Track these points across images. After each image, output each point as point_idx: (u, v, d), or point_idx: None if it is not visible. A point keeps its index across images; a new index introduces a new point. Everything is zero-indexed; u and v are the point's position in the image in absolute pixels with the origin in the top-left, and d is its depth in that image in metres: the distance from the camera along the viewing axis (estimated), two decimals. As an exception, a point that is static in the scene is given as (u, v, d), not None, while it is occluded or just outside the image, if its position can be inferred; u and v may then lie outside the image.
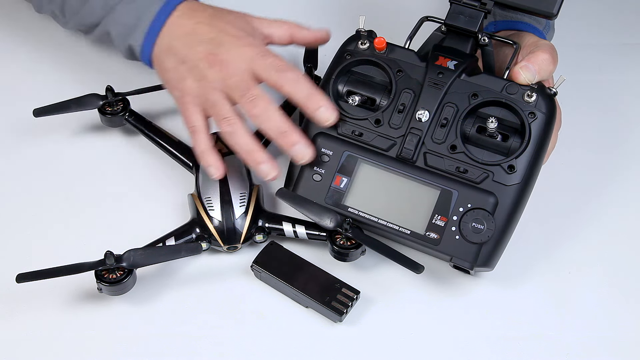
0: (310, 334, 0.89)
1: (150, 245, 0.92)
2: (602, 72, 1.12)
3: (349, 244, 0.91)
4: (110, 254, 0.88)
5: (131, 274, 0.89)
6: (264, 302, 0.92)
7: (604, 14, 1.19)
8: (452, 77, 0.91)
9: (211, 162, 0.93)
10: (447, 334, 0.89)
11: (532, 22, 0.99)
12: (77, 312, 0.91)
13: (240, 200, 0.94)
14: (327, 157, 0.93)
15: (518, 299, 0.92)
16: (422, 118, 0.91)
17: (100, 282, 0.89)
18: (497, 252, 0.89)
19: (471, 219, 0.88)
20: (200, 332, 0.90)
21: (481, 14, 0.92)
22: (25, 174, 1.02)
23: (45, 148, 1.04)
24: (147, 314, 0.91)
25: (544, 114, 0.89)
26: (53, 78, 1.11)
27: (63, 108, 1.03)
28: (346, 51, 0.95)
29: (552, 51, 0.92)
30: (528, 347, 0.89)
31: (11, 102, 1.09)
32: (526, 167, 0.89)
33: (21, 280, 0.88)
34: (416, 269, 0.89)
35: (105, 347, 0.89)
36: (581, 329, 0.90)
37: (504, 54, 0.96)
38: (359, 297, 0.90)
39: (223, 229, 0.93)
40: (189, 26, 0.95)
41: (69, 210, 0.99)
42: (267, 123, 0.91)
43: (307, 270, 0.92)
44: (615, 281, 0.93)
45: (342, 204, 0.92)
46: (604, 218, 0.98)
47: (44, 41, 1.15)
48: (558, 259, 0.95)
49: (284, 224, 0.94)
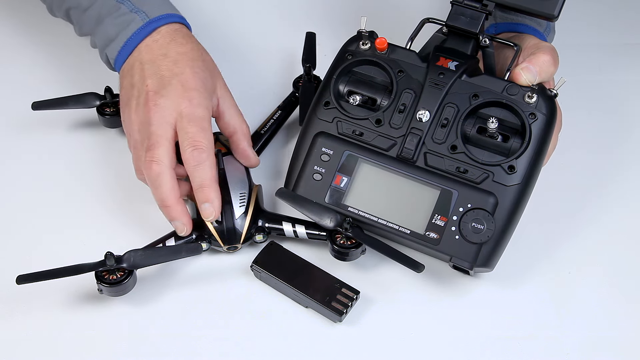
0: (310, 334, 0.89)
1: (150, 246, 0.92)
2: (602, 72, 1.12)
3: (349, 243, 0.91)
4: (111, 254, 0.88)
5: (131, 274, 0.89)
6: (263, 302, 0.91)
7: (604, 14, 1.19)
8: (453, 77, 0.91)
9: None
10: (447, 334, 0.89)
11: (533, 24, 0.99)
12: (77, 313, 0.91)
13: (240, 200, 0.94)
14: (327, 157, 0.93)
15: (518, 299, 0.92)
16: (422, 118, 0.91)
17: (100, 283, 0.89)
18: (497, 252, 0.89)
19: (471, 219, 0.89)
20: (200, 332, 0.89)
21: (482, 16, 0.92)
22: (22, 172, 1.02)
23: (42, 145, 1.05)
24: (148, 314, 0.91)
25: (544, 115, 0.89)
26: (54, 76, 1.11)
27: (61, 104, 1.04)
28: (347, 51, 0.95)
29: (553, 53, 0.92)
30: (528, 347, 0.88)
31: (11, 96, 1.10)
32: (526, 167, 0.89)
33: (21, 282, 0.88)
34: (416, 268, 0.89)
35: (105, 348, 0.88)
36: (581, 329, 0.90)
37: (504, 56, 0.96)
38: (358, 297, 0.90)
39: (223, 229, 0.93)
40: (156, 54, 0.94)
41: (67, 210, 0.99)
42: (153, 189, 0.91)
43: (307, 270, 0.92)
44: (615, 281, 0.93)
45: (342, 203, 0.92)
46: (604, 218, 0.98)
47: (48, 40, 1.15)
48: (558, 259, 0.95)
49: (283, 223, 0.94)
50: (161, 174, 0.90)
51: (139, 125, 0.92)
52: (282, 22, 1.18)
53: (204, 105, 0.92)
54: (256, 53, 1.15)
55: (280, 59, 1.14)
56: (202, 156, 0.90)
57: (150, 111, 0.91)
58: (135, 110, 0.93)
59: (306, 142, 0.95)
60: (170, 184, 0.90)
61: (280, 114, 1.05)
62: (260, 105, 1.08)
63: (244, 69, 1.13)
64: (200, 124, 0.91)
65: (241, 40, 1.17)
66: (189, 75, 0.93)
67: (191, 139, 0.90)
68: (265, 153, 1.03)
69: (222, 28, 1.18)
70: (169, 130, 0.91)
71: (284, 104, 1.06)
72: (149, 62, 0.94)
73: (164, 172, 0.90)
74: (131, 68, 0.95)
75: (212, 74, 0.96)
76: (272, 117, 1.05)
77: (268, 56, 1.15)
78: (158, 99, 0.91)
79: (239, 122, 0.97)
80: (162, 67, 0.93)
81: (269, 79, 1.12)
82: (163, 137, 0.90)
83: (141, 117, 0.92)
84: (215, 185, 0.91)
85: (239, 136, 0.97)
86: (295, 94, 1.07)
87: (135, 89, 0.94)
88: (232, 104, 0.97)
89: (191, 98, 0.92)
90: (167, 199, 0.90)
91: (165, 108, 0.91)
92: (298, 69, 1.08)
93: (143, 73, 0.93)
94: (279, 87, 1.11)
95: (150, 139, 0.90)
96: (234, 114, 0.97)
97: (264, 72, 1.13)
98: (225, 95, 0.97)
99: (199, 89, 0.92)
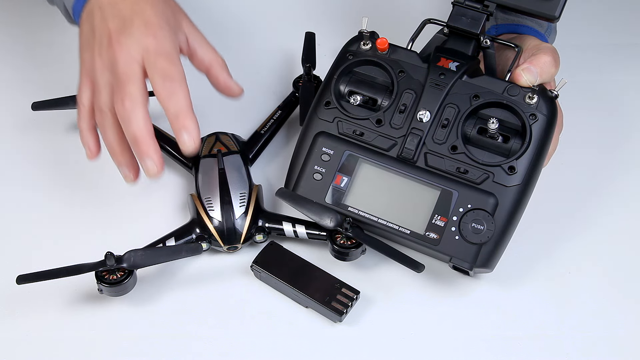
0: (310, 334, 0.89)
1: (150, 246, 0.92)
2: (602, 72, 1.12)
3: (349, 243, 0.91)
4: (111, 254, 0.88)
5: (132, 274, 0.89)
6: (263, 302, 0.92)
7: (604, 14, 1.19)
8: (453, 78, 0.91)
9: (86, 142, 0.91)
10: (447, 334, 0.90)
11: (534, 25, 0.99)
12: (77, 313, 0.91)
13: (240, 200, 0.94)
14: (327, 156, 0.93)
15: (518, 299, 0.92)
16: (423, 118, 0.91)
17: (100, 283, 0.89)
18: (497, 253, 0.89)
19: (471, 220, 0.89)
20: (200, 332, 0.89)
21: (483, 16, 0.92)
22: (22, 172, 1.02)
23: (42, 145, 1.05)
24: (147, 314, 0.91)
25: (545, 116, 0.89)
26: (54, 76, 1.11)
27: (62, 104, 1.04)
28: (348, 51, 0.95)
29: (554, 54, 0.92)
30: (528, 347, 0.89)
31: (11, 96, 1.10)
32: (526, 168, 0.89)
33: (22, 282, 0.88)
34: (416, 268, 0.89)
35: (106, 348, 0.88)
36: (581, 329, 0.90)
37: (505, 57, 0.96)
38: (358, 297, 0.90)
39: (223, 229, 0.93)
40: None
41: (67, 210, 0.99)
42: (125, 125, 0.87)
43: (307, 270, 0.92)
44: (615, 281, 0.93)
45: (342, 203, 0.92)
46: (604, 218, 0.98)
47: (46, 39, 1.15)
48: (558, 259, 0.95)
49: (284, 223, 0.94)
50: (135, 108, 0.86)
51: (103, 67, 0.89)
52: (282, 22, 1.18)
53: (170, 39, 0.89)
54: (256, 53, 1.15)
55: (280, 59, 1.14)
56: (174, 85, 0.87)
57: (115, 51, 0.88)
58: (99, 53, 0.89)
59: (307, 142, 0.95)
60: (144, 118, 0.87)
61: (280, 114, 1.05)
62: (260, 105, 1.08)
63: (243, 68, 1.12)
64: (169, 57, 0.88)
65: (241, 40, 1.17)
66: (151, 13, 0.90)
67: (161, 71, 0.87)
68: (265, 153, 1.03)
69: (221, 27, 1.18)
70: (137, 68, 0.87)
71: (284, 103, 1.06)
72: (108, 5, 0.91)
73: (137, 107, 0.86)
74: (90, 13, 0.92)
75: (175, 12, 0.93)
76: (272, 117, 1.05)
77: (268, 56, 1.15)
78: (122, 38, 0.88)
79: (213, 55, 0.94)
80: (122, 8, 0.90)
81: (269, 79, 1.12)
82: (133, 74, 0.87)
83: (106, 59, 0.89)
84: (191, 113, 0.87)
85: (216, 69, 0.94)
86: (295, 94, 1.07)
87: (96, 32, 0.90)
88: (202, 39, 0.94)
89: (155, 34, 0.89)
90: (140, 133, 0.86)
91: (131, 45, 0.88)
92: (298, 69, 1.08)
93: (104, 15, 0.90)
94: (279, 87, 1.11)
95: (119, 78, 0.87)
96: (207, 48, 0.94)
97: (264, 72, 1.13)
98: (193, 32, 0.94)
99: (162, 26, 0.90)
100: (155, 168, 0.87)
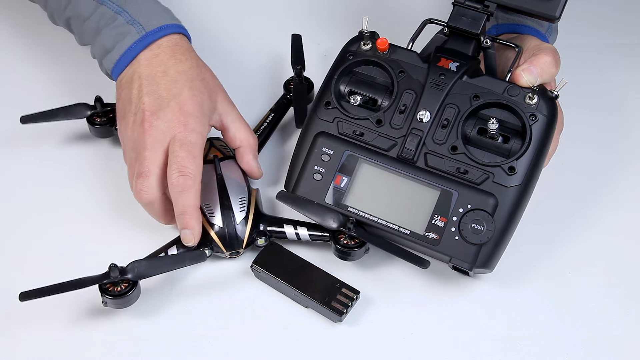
0: (310, 334, 0.89)
1: (152, 255, 0.92)
2: (602, 72, 1.12)
3: (353, 242, 0.91)
4: (115, 266, 0.87)
5: (136, 285, 0.88)
6: (263, 303, 0.92)
7: (604, 14, 1.19)
8: (453, 78, 0.91)
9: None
10: (447, 334, 0.90)
11: (535, 25, 0.99)
12: (80, 325, 0.90)
13: (240, 205, 0.94)
14: (327, 157, 0.93)
15: (518, 299, 0.92)
16: (423, 119, 0.91)
17: (105, 296, 0.88)
18: (497, 253, 0.89)
19: (471, 220, 0.89)
20: (200, 332, 0.89)
21: (484, 17, 0.92)
22: (15, 188, 1.01)
23: (33, 159, 1.03)
24: (151, 321, 0.90)
25: (545, 117, 0.89)
26: (42, 87, 1.10)
27: (51, 116, 1.02)
28: (349, 51, 0.95)
29: (555, 54, 0.92)
30: (528, 347, 0.89)
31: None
32: (527, 169, 0.89)
33: (25, 299, 0.87)
34: (422, 264, 0.89)
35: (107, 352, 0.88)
36: (581, 329, 0.90)
37: (506, 57, 0.96)
38: (358, 297, 0.90)
39: (225, 235, 0.92)
40: (155, 70, 0.94)
41: (61, 222, 0.98)
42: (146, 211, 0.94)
43: (307, 270, 0.92)
44: (615, 281, 0.93)
45: (342, 203, 0.92)
46: (604, 218, 0.98)
47: (36, 48, 1.14)
48: (558, 259, 0.95)
49: (285, 226, 0.94)
50: (152, 203, 0.92)
51: (133, 143, 0.92)
52: (282, 23, 1.18)
53: (198, 131, 0.92)
54: (246, 55, 1.15)
55: (271, 60, 1.14)
56: (187, 183, 0.90)
57: (146, 133, 0.91)
58: (132, 128, 0.92)
59: (307, 142, 0.95)
60: (160, 210, 0.93)
61: (273, 117, 1.05)
62: (252, 108, 1.07)
63: (234, 71, 1.12)
64: (190, 150, 0.90)
65: (231, 41, 1.16)
66: (187, 97, 0.93)
67: (179, 164, 0.90)
68: (260, 156, 1.02)
69: (212, 29, 1.17)
70: (161, 156, 0.91)
71: (276, 106, 1.06)
72: (147, 78, 0.93)
73: (154, 201, 0.92)
74: (130, 80, 0.94)
75: (212, 92, 0.96)
76: (265, 120, 1.04)
77: (258, 58, 1.14)
78: (154, 121, 0.91)
79: (245, 135, 0.97)
80: (160, 85, 0.93)
81: (259, 81, 1.12)
82: (155, 164, 0.90)
83: (136, 136, 0.92)
84: (197, 213, 0.91)
85: (244, 149, 0.97)
86: (287, 96, 1.07)
87: (132, 104, 0.93)
88: (237, 117, 0.97)
89: (186, 123, 0.91)
90: (160, 220, 0.94)
91: (160, 131, 0.91)
92: (287, 70, 1.07)
93: (141, 89, 0.93)
94: (269, 89, 1.10)
95: (143, 165, 0.90)
96: (239, 127, 0.97)
97: (254, 74, 1.12)
98: (228, 109, 0.97)
99: (195, 114, 0.92)
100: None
